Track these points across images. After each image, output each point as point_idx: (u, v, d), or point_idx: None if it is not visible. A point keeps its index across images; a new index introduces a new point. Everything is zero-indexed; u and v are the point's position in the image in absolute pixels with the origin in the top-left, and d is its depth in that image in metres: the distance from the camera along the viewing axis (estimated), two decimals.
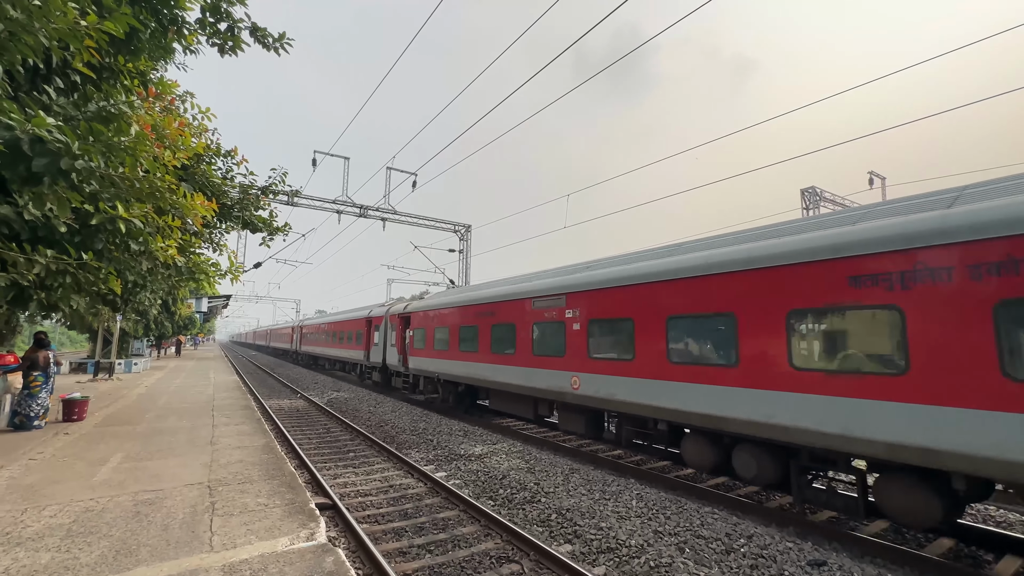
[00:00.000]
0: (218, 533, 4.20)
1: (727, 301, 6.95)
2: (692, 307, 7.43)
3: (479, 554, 5.46)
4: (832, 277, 5.77)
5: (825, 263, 5.87)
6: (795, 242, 6.35)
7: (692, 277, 7.48)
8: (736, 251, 7.06)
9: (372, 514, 6.65)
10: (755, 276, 6.63)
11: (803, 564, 5.06)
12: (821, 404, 5.70)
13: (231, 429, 9.42)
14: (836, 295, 5.72)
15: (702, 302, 7.29)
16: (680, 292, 7.67)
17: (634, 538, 5.72)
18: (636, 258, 9.29)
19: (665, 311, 7.85)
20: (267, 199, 10.66)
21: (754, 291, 6.61)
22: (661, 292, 7.95)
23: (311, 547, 3.88)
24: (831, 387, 5.64)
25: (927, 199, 5.91)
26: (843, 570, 4.88)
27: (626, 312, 8.52)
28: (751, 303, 6.63)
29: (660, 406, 7.76)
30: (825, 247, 5.92)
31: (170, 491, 5.56)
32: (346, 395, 19.35)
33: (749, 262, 6.73)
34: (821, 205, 19.27)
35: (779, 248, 6.46)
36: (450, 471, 8.75)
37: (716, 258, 7.25)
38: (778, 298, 6.30)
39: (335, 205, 22.32)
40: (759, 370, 6.41)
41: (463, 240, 26.64)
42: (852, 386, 5.48)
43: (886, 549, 5.46)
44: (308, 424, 13.24)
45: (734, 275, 6.90)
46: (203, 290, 13.09)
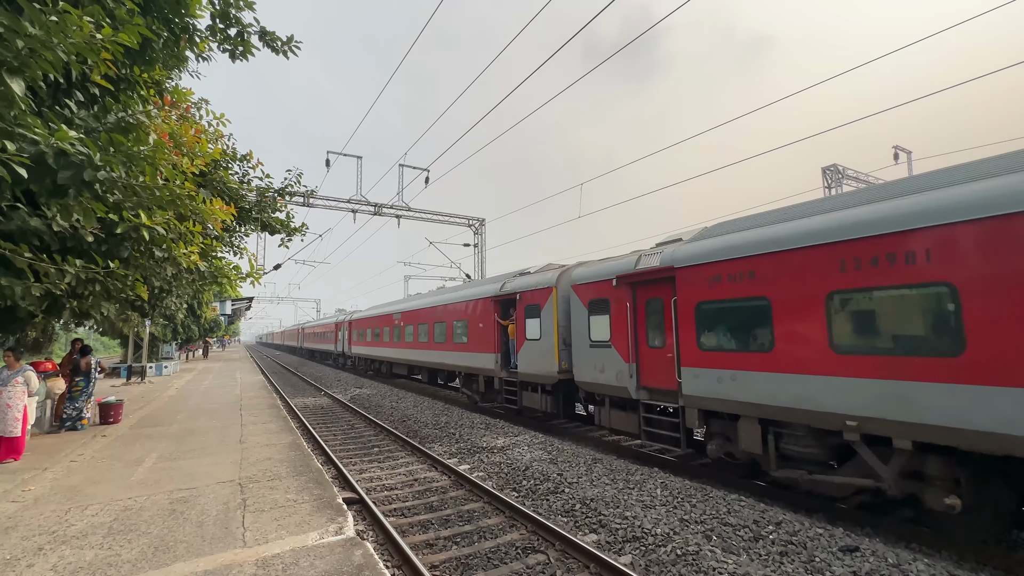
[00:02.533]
0: (250, 529, 4.33)
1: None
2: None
3: (505, 545, 5.50)
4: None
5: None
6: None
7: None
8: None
9: (398, 507, 6.76)
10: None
11: (834, 550, 4.97)
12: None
13: (259, 428, 9.67)
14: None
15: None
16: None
17: (660, 527, 5.69)
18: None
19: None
20: (284, 201, 10.81)
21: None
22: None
23: (340, 541, 3.97)
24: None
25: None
26: (877, 555, 4.78)
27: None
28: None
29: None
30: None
31: (203, 489, 5.75)
32: (368, 391, 19.65)
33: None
34: (844, 183, 18.70)
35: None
36: (473, 463, 8.82)
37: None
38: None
39: (350, 204, 22.55)
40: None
41: (477, 234, 26.67)
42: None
43: (919, 534, 5.33)
44: (333, 421, 13.50)
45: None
46: (226, 293, 13.41)
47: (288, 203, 11.66)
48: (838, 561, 4.75)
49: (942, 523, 5.33)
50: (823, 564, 4.73)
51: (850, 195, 6.61)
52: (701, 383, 7.39)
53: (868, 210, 5.71)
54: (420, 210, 24.33)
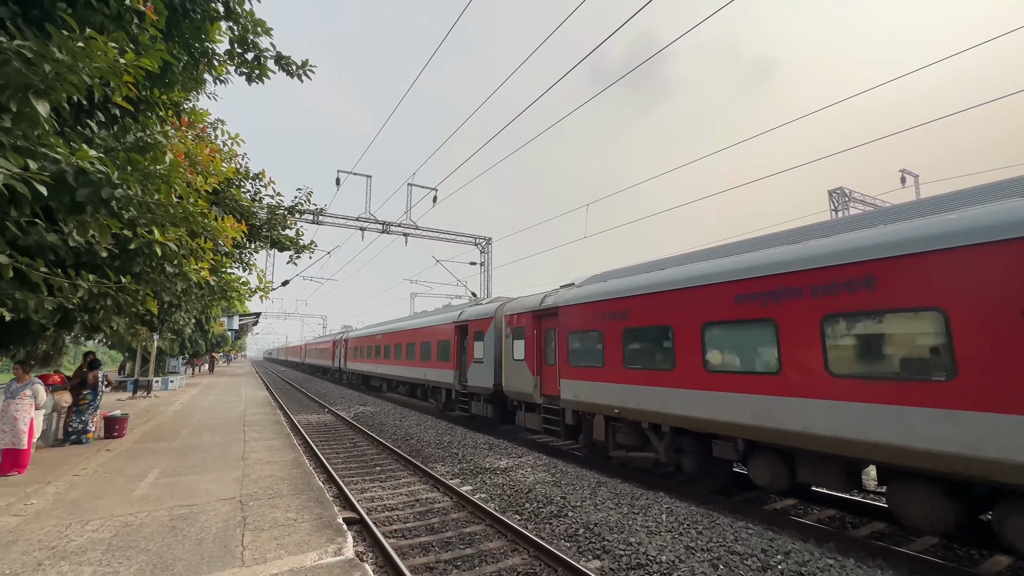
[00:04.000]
0: (249, 548, 4.28)
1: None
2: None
3: (506, 570, 5.39)
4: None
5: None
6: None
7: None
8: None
9: (399, 528, 6.66)
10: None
11: None
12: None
13: (262, 444, 9.63)
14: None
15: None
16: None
17: (665, 554, 5.56)
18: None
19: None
20: (293, 219, 10.99)
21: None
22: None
23: (338, 562, 3.91)
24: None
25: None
26: None
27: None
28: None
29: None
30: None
31: (204, 506, 5.71)
32: (372, 409, 19.56)
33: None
34: (851, 206, 18.69)
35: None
36: (476, 485, 8.71)
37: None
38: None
39: (358, 222, 22.84)
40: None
41: (484, 252, 26.83)
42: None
43: (934, 566, 5.16)
44: (335, 438, 13.42)
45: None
46: (234, 308, 13.53)
47: (298, 221, 11.85)
48: None
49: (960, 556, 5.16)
50: None
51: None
52: (571, 390, 10.11)
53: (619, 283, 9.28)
54: (427, 228, 24.59)
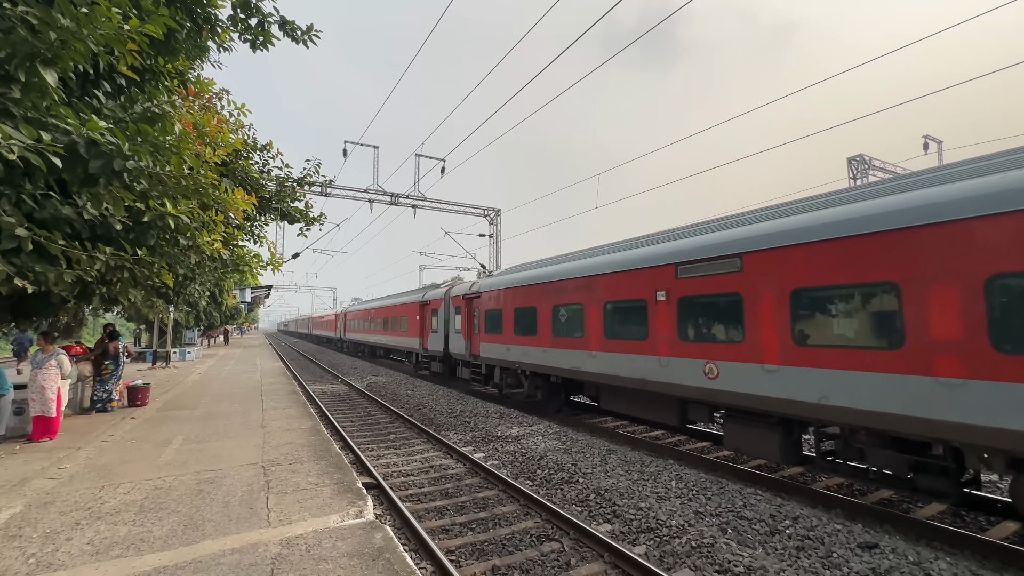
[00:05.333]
0: (274, 510, 4.46)
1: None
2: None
3: (520, 532, 5.57)
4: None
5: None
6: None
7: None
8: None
9: (415, 493, 6.88)
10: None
11: (853, 546, 4.92)
12: None
13: (279, 413, 9.91)
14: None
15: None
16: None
17: (674, 518, 5.70)
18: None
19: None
20: (302, 190, 10.94)
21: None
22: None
23: (360, 524, 4.07)
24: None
25: None
26: (896, 553, 4.72)
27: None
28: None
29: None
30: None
31: (228, 471, 5.93)
32: (384, 379, 19.94)
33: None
34: (870, 174, 18.15)
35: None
36: (488, 452, 8.92)
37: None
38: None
39: (367, 194, 22.70)
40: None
41: (493, 224, 26.65)
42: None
43: (941, 532, 5.24)
44: (350, 407, 13.75)
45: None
46: (246, 281, 13.65)
47: (307, 193, 11.80)
48: (856, 557, 4.71)
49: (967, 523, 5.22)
50: (841, 560, 4.70)
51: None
52: (487, 351, 14.46)
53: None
54: (436, 200, 24.39)
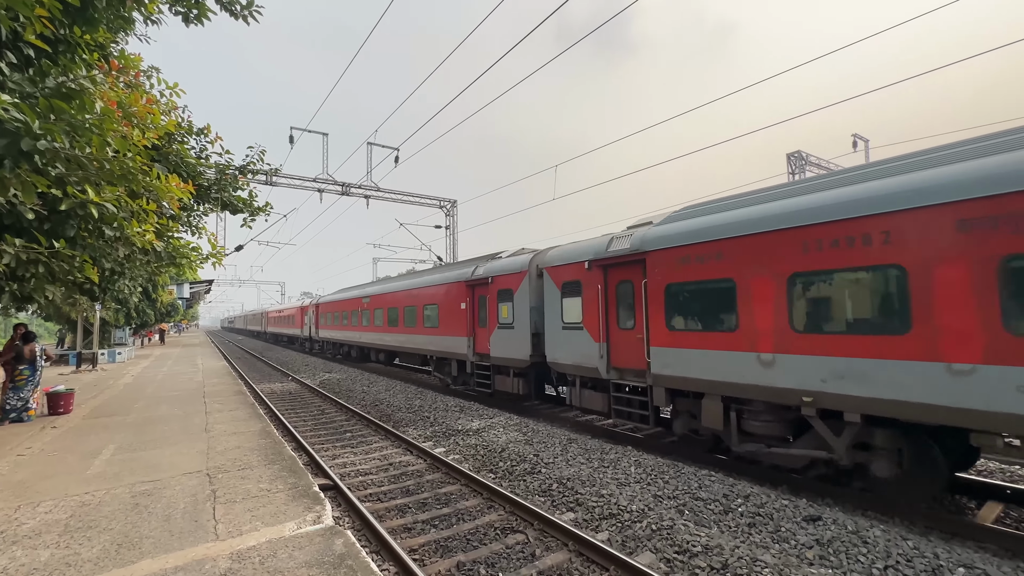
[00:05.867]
0: (222, 521, 4.16)
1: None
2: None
3: (484, 526, 5.53)
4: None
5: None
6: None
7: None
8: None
9: (374, 492, 6.68)
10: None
11: (799, 520, 5.23)
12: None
13: (225, 415, 9.32)
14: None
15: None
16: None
17: (635, 503, 5.84)
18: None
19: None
20: (245, 179, 10.26)
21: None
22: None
23: (319, 530, 3.87)
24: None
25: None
26: (837, 524, 5.06)
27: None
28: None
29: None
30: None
31: (168, 481, 5.49)
32: (339, 376, 19.28)
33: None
34: (807, 169, 19.33)
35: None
36: (449, 447, 8.81)
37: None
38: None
39: (316, 183, 21.71)
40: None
41: (449, 216, 26.27)
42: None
43: (874, 502, 5.69)
44: (302, 406, 13.19)
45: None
46: (184, 275, 12.74)
47: (250, 181, 11.08)
48: (802, 530, 5.01)
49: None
50: (788, 533, 4.98)
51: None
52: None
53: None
54: (390, 190, 23.70)
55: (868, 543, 4.66)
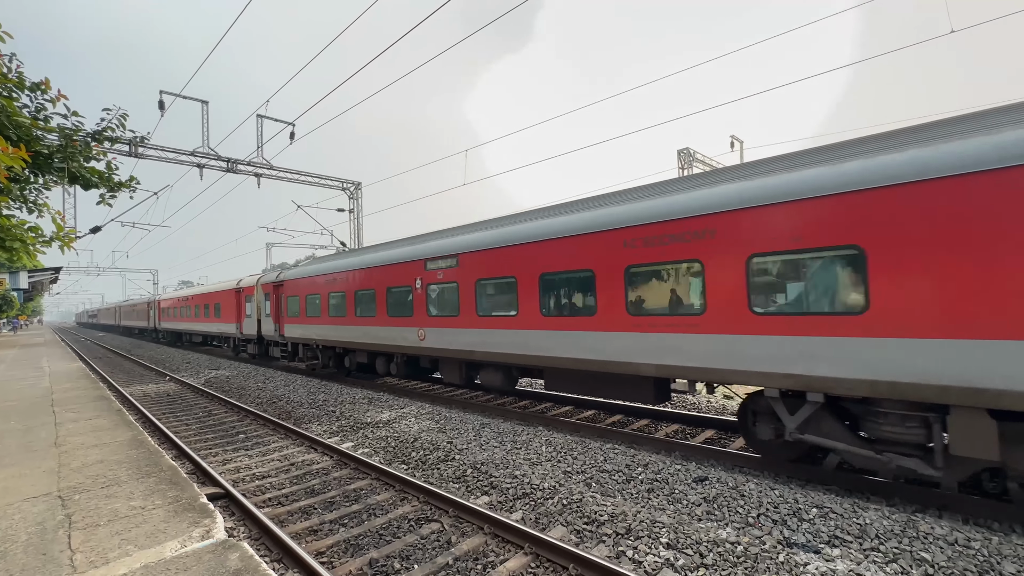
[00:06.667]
0: (81, 550, 3.52)
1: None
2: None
3: (397, 519, 5.39)
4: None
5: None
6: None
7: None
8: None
9: (274, 496, 6.18)
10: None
11: (689, 482, 5.81)
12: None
13: (82, 426, 7.93)
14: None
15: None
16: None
17: (546, 481, 6.07)
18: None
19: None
20: (100, 147, 8.66)
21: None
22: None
23: (208, 546, 3.44)
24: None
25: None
26: (720, 482, 5.71)
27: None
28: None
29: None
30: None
31: (2, 510, 4.52)
32: (227, 373, 17.46)
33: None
34: (694, 165, 21.25)
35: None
36: (357, 440, 8.43)
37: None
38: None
39: (195, 157, 19.16)
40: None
41: (353, 199, 24.81)
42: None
43: (748, 459, 6.52)
44: (183, 409, 11.75)
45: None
46: (19, 262, 10.55)
47: (108, 151, 9.40)
48: (692, 491, 5.58)
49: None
50: (681, 494, 5.51)
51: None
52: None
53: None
54: (285, 169, 21.72)
55: (745, 496, 5.33)
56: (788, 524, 4.72)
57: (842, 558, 4.14)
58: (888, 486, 5.53)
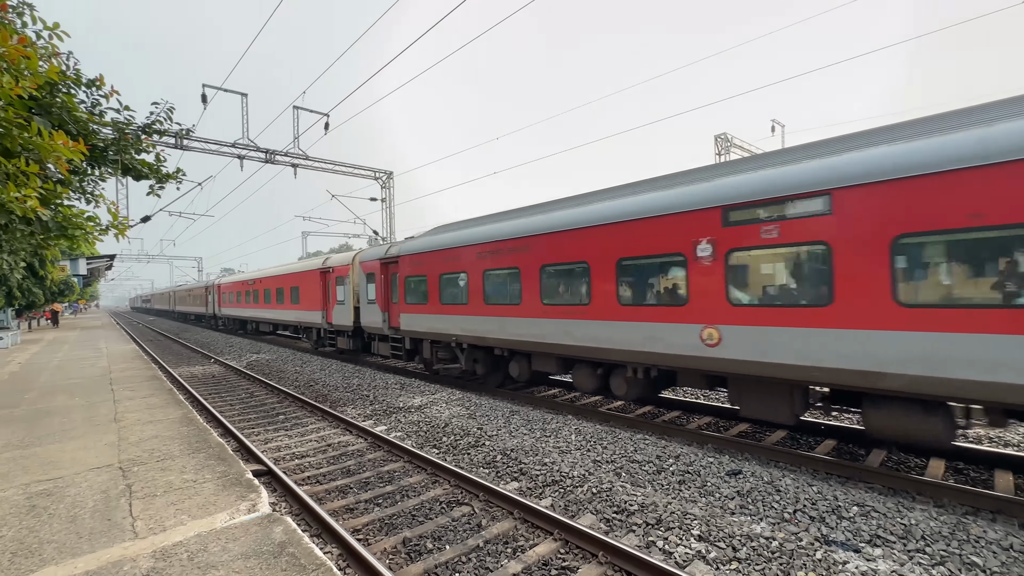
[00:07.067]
0: (141, 517, 3.80)
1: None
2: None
3: (429, 501, 5.53)
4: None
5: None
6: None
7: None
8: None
9: (312, 475, 6.45)
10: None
11: (722, 475, 5.72)
12: None
13: (138, 403, 8.49)
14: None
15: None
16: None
17: (576, 469, 6.09)
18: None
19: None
20: (150, 140, 9.09)
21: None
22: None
23: (255, 519, 3.64)
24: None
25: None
26: (755, 476, 5.60)
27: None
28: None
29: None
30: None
31: (72, 478, 4.92)
32: (268, 356, 18.21)
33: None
34: (732, 151, 20.50)
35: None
36: (390, 424, 8.66)
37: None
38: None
39: (236, 149, 19.85)
40: None
41: (385, 188, 25.19)
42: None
43: (784, 454, 6.34)
44: (228, 390, 12.35)
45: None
46: (79, 249, 11.24)
47: (156, 143, 9.85)
48: (726, 484, 5.48)
49: (801, 444, 6.38)
50: (714, 487, 5.43)
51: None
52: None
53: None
54: (320, 159, 22.22)
55: (781, 491, 5.20)
56: (826, 521, 4.59)
57: (884, 558, 4.00)
58: (936, 486, 5.28)
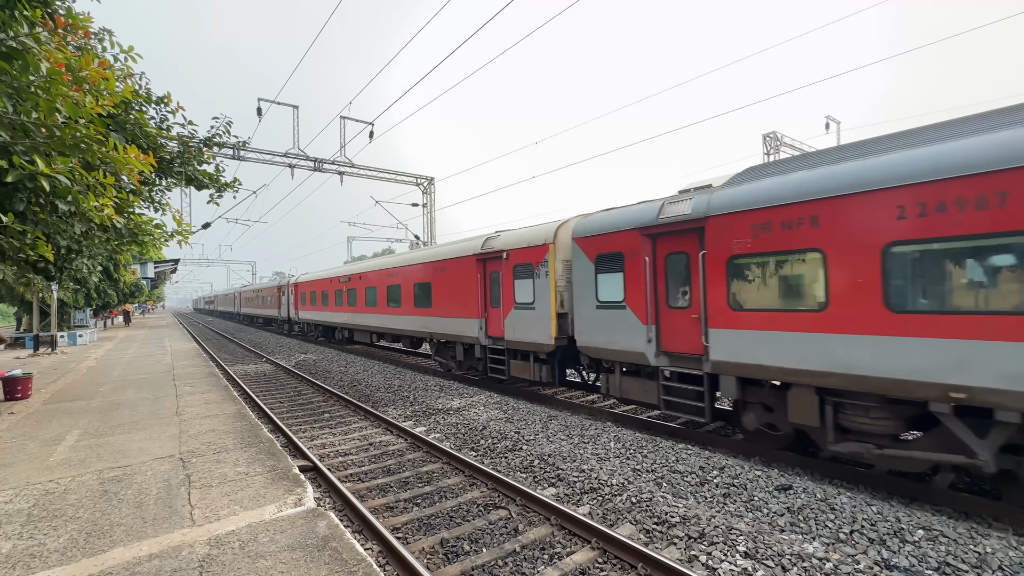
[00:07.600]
0: (198, 506, 4.05)
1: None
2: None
3: (466, 503, 5.56)
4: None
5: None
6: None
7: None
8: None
9: (355, 473, 6.64)
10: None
11: (771, 489, 5.44)
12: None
13: (197, 398, 9.05)
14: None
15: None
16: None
17: (615, 477, 5.97)
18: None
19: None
20: (211, 152, 9.74)
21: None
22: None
23: (301, 512, 3.80)
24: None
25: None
26: (807, 492, 5.29)
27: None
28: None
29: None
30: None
31: (138, 466, 5.30)
32: (314, 357, 18.97)
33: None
34: (781, 150, 19.62)
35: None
36: (429, 425, 8.80)
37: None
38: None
39: (287, 159, 20.89)
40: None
41: (426, 194, 25.76)
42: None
43: (841, 471, 5.95)
44: (278, 388, 12.94)
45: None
46: (148, 254, 12.15)
47: (216, 155, 10.53)
48: (774, 499, 5.21)
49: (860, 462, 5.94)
50: (761, 502, 5.18)
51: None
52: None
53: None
54: (364, 167, 23.02)
55: (835, 509, 4.89)
56: (887, 544, 4.27)
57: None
58: (1016, 513, 4.81)
